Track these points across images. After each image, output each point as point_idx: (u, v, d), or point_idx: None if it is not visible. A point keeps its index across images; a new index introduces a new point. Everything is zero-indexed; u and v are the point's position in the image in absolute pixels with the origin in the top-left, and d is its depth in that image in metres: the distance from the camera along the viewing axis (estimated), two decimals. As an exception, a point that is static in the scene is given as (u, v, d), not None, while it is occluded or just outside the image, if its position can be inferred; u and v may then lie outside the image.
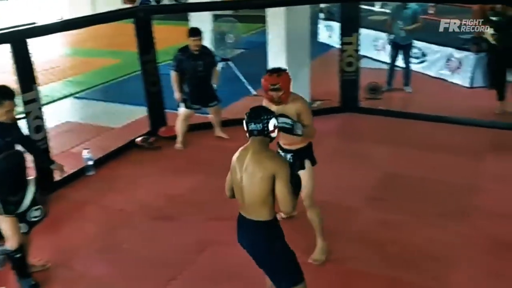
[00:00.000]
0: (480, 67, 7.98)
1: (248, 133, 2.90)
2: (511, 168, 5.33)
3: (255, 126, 2.85)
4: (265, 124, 2.84)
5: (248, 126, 2.88)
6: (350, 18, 6.91)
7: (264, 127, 2.85)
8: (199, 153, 6.11)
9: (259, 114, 2.88)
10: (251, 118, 2.87)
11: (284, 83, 3.59)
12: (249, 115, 2.89)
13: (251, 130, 2.87)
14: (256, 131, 2.86)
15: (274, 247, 2.95)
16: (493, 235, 4.19)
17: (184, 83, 5.99)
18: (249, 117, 2.88)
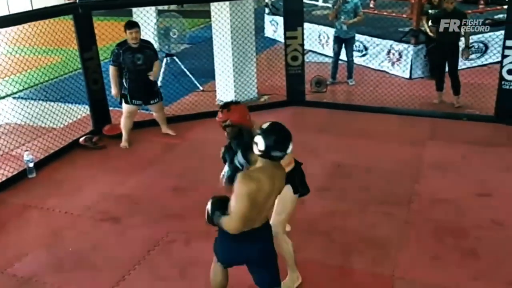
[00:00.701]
0: (419, 58, 8.27)
1: (265, 155, 2.73)
2: (449, 155, 5.58)
3: (279, 154, 2.73)
4: (287, 150, 2.75)
5: (271, 152, 2.71)
6: (294, 13, 6.99)
7: (285, 154, 2.77)
8: (146, 151, 6.02)
9: (287, 140, 2.76)
10: (278, 145, 2.71)
11: (235, 118, 3.33)
12: (276, 141, 2.70)
13: (273, 156, 2.73)
14: (278, 158, 2.76)
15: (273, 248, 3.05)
16: (434, 220, 4.37)
17: (124, 77, 5.87)
18: (276, 143, 2.71)
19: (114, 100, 6.59)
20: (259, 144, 2.71)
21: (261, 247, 2.94)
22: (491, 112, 6.47)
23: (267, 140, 2.69)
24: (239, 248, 2.93)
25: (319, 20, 9.88)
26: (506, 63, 6.14)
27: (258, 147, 2.72)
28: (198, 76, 8.23)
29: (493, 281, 3.60)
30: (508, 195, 4.73)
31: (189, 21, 9.57)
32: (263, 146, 2.70)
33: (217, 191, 3.00)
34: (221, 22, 6.99)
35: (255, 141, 2.73)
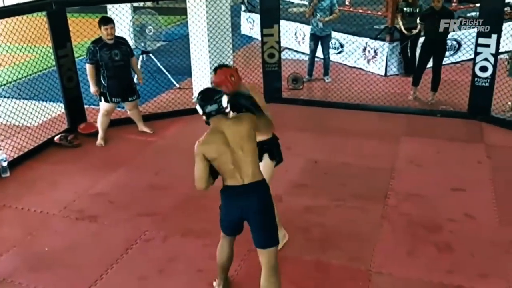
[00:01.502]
0: (394, 56, 8.38)
1: (206, 115, 3.04)
2: (424, 150, 5.68)
3: (211, 107, 3.01)
4: (219, 102, 3.01)
5: (205, 109, 3.02)
6: (270, 10, 7.01)
7: (219, 106, 3.01)
8: (122, 149, 5.97)
9: (211, 95, 3.04)
10: (205, 101, 3.01)
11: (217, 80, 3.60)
12: (201, 99, 3.03)
13: (209, 112, 3.02)
14: (214, 111, 3.02)
15: (273, 204, 3.18)
16: (409, 215, 4.44)
17: (101, 75, 5.80)
18: (202, 100, 3.03)
19: (89, 98, 6.52)
20: (199, 111, 3.05)
21: (255, 201, 3.08)
22: (464, 109, 6.62)
23: (198, 102, 3.05)
24: (233, 204, 3.13)
25: (295, 18, 9.91)
26: (478, 60, 6.27)
27: (200, 113, 3.06)
28: (174, 73, 8.18)
29: (467, 274, 3.68)
30: (480, 189, 4.84)
31: (165, 18, 9.51)
32: (200, 109, 3.04)
33: (194, 188, 2.99)
34: (197, 19, 6.97)
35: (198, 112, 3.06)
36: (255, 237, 3.15)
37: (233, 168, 3.03)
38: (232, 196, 3.11)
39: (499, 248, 3.96)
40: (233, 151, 3.01)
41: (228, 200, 3.15)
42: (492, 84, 6.30)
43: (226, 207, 3.19)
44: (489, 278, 3.63)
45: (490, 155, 5.53)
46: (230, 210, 3.17)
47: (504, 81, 6.54)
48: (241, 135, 3.03)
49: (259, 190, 3.11)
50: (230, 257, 3.41)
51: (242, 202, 3.09)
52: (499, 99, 6.49)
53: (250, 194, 3.07)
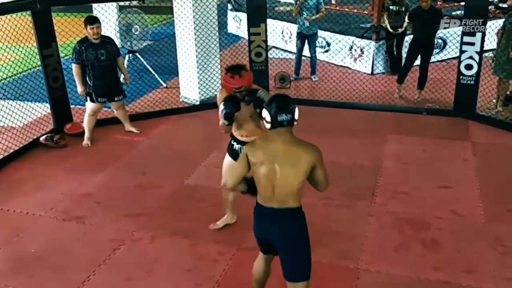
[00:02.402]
0: (380, 54, 8.43)
1: (274, 124, 2.75)
2: (410, 148, 5.72)
3: (286, 117, 2.75)
4: (293, 113, 2.78)
5: (278, 117, 2.74)
6: (257, 9, 7.01)
7: (293, 117, 2.78)
8: (108, 149, 5.93)
9: (288, 104, 2.78)
10: (281, 109, 2.74)
11: (247, 83, 3.65)
12: (278, 106, 2.74)
13: (280, 121, 2.75)
14: (287, 122, 2.76)
15: (307, 235, 2.95)
16: (396, 212, 4.47)
17: (87, 75, 5.76)
18: (279, 108, 2.74)
19: (75, 98, 6.46)
20: (266, 116, 2.77)
21: (278, 230, 2.88)
22: (450, 106, 6.67)
23: (270, 108, 2.75)
24: (260, 222, 2.96)
25: (282, 16, 9.93)
26: (463, 58, 6.33)
27: (266, 119, 2.78)
28: (161, 72, 8.14)
29: (453, 270, 3.71)
30: (466, 186, 4.89)
31: (151, 17, 9.46)
32: (268, 115, 2.75)
33: (182, 188, 3.00)
34: (184, 18, 6.94)
35: (263, 117, 2.80)
36: (282, 266, 2.97)
37: (266, 184, 2.81)
38: (257, 214, 2.95)
39: (484, 245, 4.01)
40: (275, 169, 2.78)
41: (255, 216, 2.98)
42: (477, 82, 6.36)
43: (254, 222, 3.01)
44: (475, 274, 3.67)
45: (476, 153, 5.59)
46: (256, 227, 3.01)
47: (489, 79, 6.60)
48: (294, 161, 2.77)
49: (285, 220, 2.87)
50: (265, 272, 3.21)
51: (266, 225, 2.92)
52: (484, 97, 6.57)
53: (274, 220, 2.87)
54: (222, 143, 5.94)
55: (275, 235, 2.90)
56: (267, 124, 2.79)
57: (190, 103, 7.29)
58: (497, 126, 6.21)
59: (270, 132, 2.82)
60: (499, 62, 6.39)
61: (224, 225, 4.24)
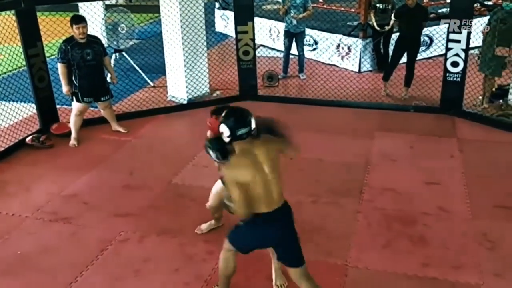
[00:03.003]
0: (367, 52, 8.46)
1: (234, 138, 2.84)
2: (398, 145, 5.75)
3: (244, 130, 2.83)
4: (251, 124, 2.86)
5: (237, 132, 2.82)
6: (244, 7, 7.00)
7: (250, 128, 2.86)
8: (95, 149, 5.88)
9: (245, 117, 2.86)
10: (239, 123, 2.82)
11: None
12: (235, 121, 2.82)
13: (240, 135, 2.83)
14: (245, 134, 2.85)
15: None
16: (384, 209, 4.50)
17: (73, 75, 5.71)
18: (236, 122, 2.82)
19: (62, 98, 6.41)
20: (224, 132, 2.85)
21: (287, 225, 3.02)
22: (436, 104, 6.72)
23: (228, 123, 2.83)
24: (263, 232, 3.00)
25: (270, 15, 9.93)
26: (450, 55, 6.37)
27: (225, 135, 2.85)
28: (148, 71, 8.11)
29: (441, 266, 3.74)
30: (453, 183, 4.92)
31: (138, 16, 9.40)
32: (227, 130, 2.83)
33: (170, 188, 2.99)
34: (170, 16, 6.90)
35: (221, 131, 2.87)
36: (289, 258, 3.11)
37: (263, 192, 2.86)
38: (262, 224, 2.95)
39: (471, 240, 4.04)
40: (264, 174, 2.86)
41: (258, 229, 2.98)
42: (463, 79, 6.41)
43: (253, 236, 3.05)
44: (462, 270, 3.70)
45: (463, 149, 5.63)
46: (257, 238, 3.04)
47: (474, 76, 6.66)
48: (271, 156, 2.90)
49: (288, 213, 3.03)
50: (235, 268, 3.31)
51: (274, 228, 2.98)
52: (470, 93, 6.62)
53: (281, 219, 2.98)
54: (210, 142, 5.94)
55: (287, 231, 3.02)
56: (226, 139, 2.87)
57: (178, 102, 7.26)
58: (483, 123, 6.27)
59: (237, 146, 2.89)
60: (485, 59, 6.44)
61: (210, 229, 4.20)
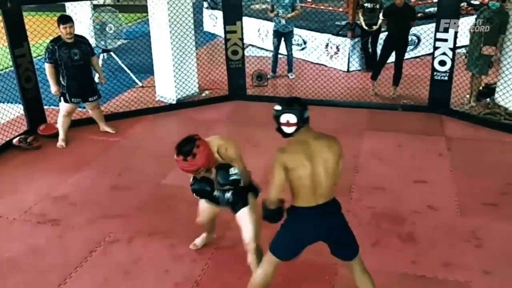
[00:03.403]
0: (355, 51, 8.49)
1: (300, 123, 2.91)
2: (386, 144, 5.78)
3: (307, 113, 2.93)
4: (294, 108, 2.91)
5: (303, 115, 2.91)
6: (233, 7, 6.99)
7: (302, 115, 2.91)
8: (84, 150, 5.84)
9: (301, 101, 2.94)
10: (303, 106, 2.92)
11: (204, 162, 3.09)
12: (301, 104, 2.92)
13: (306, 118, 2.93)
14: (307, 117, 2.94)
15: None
16: (373, 208, 4.51)
17: (61, 75, 5.66)
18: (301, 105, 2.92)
19: (49, 98, 6.36)
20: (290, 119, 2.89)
21: (337, 219, 3.02)
22: (424, 102, 6.76)
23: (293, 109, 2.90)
24: (310, 225, 2.95)
25: (258, 14, 9.92)
26: (437, 54, 6.42)
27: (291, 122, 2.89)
28: (136, 71, 8.07)
29: (429, 263, 3.77)
30: (441, 181, 4.96)
31: (126, 15, 9.35)
32: (294, 117, 2.89)
33: (159, 188, 2.98)
34: (158, 16, 6.88)
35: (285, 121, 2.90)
36: (345, 252, 3.10)
37: (310, 184, 2.84)
38: (307, 218, 2.92)
39: (460, 238, 4.07)
40: (314, 166, 2.84)
41: (303, 222, 2.94)
42: (450, 78, 6.46)
43: (298, 231, 2.98)
44: (451, 267, 3.73)
45: (450, 147, 5.68)
46: (303, 233, 2.98)
47: (462, 75, 6.71)
48: (328, 153, 2.88)
49: (338, 207, 3.02)
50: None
51: (323, 222, 2.96)
52: (457, 92, 6.67)
53: (331, 213, 2.97)
54: (199, 142, 5.92)
55: (334, 225, 3.01)
56: (291, 127, 2.89)
57: (167, 102, 7.23)
58: (471, 121, 6.32)
59: (297, 135, 2.91)
60: (472, 58, 6.50)
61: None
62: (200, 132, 3.85)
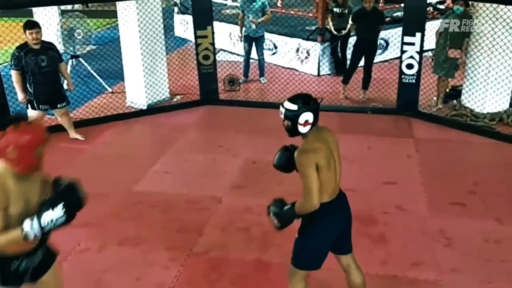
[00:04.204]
0: (325, 56, 8.58)
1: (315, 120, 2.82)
2: (356, 147, 5.85)
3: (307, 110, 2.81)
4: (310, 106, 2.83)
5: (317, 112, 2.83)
6: (203, 12, 6.99)
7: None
8: (53, 158, 5.60)
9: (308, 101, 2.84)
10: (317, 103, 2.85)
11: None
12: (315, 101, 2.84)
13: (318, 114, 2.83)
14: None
15: None
16: (345, 210, 4.55)
17: (27, 82, 5.55)
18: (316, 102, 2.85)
19: (16, 106, 6.22)
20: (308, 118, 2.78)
21: (349, 210, 3.04)
22: (393, 105, 6.87)
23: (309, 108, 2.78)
24: (337, 219, 2.95)
25: (229, 19, 9.93)
26: (405, 58, 6.54)
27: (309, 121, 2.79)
28: (106, 77, 7.97)
29: (400, 263, 3.83)
30: (410, 182, 5.05)
31: (94, 21, 9.24)
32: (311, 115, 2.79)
33: (130, 195, 2.95)
34: (128, 22, 6.82)
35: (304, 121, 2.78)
36: (347, 244, 3.10)
37: (333, 177, 2.84)
38: (334, 212, 2.91)
39: (429, 237, 4.15)
40: (335, 159, 2.87)
41: (332, 216, 2.90)
42: (418, 81, 6.59)
43: (330, 227, 2.92)
44: (421, 266, 3.80)
45: (419, 149, 5.79)
46: (334, 228, 2.94)
47: (429, 78, 6.86)
48: (336, 146, 2.93)
49: (345, 195, 3.03)
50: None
51: (343, 215, 2.99)
52: (425, 95, 6.82)
53: (346, 203, 3.01)
54: (170, 148, 5.89)
55: (349, 215, 3.04)
56: (307, 126, 2.79)
57: (137, 107, 7.17)
58: (438, 123, 6.46)
59: (311, 132, 2.83)
60: (438, 61, 6.65)
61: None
62: (173, 137, 3.84)
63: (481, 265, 3.80)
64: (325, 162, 2.77)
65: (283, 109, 2.86)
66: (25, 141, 2.30)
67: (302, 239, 2.96)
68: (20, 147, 2.29)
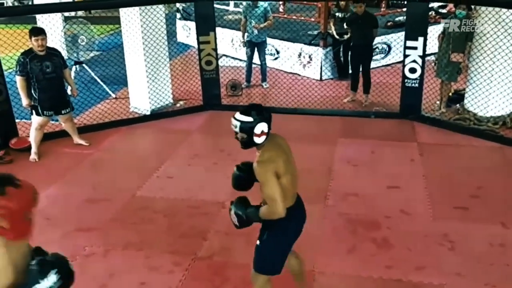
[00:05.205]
0: (328, 60, 8.60)
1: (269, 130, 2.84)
2: (359, 151, 5.87)
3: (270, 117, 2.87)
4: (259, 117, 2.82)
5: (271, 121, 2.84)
6: (206, 17, 7.02)
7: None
8: (57, 163, 5.76)
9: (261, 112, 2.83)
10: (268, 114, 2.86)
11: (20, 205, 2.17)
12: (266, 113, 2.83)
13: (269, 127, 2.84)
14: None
15: None
16: (348, 214, 4.57)
17: (32, 88, 5.58)
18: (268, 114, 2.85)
19: (21, 112, 6.26)
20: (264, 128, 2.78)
21: (305, 211, 3.08)
22: (396, 109, 6.88)
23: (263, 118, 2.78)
24: (299, 218, 3.01)
25: (231, 25, 9.97)
26: (407, 62, 6.55)
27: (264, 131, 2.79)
28: (109, 83, 8.00)
29: (404, 267, 3.82)
30: (414, 186, 5.05)
31: (98, 27, 9.28)
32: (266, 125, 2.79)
33: (134, 200, 2.97)
34: (131, 28, 6.85)
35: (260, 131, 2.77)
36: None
37: (291, 184, 2.86)
38: (295, 216, 2.94)
39: (433, 241, 4.15)
40: (291, 165, 2.89)
41: (293, 221, 2.93)
42: (421, 84, 6.60)
43: (291, 232, 2.97)
44: (425, 270, 3.79)
45: (422, 153, 5.79)
46: (295, 232, 3.00)
47: (432, 82, 6.86)
48: (290, 150, 2.95)
49: (301, 198, 3.06)
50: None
51: (303, 215, 3.05)
52: (428, 98, 6.82)
53: (302, 204, 3.04)
54: (173, 153, 5.91)
55: (304, 216, 3.08)
56: (263, 137, 2.79)
57: (141, 113, 7.19)
58: (442, 127, 6.46)
59: (266, 142, 2.82)
60: (441, 65, 6.66)
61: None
62: (176, 142, 3.85)
63: (485, 269, 3.79)
64: (284, 168, 2.79)
65: (237, 122, 2.80)
66: (14, 208, 2.09)
67: (265, 245, 2.96)
68: (10, 216, 2.09)
